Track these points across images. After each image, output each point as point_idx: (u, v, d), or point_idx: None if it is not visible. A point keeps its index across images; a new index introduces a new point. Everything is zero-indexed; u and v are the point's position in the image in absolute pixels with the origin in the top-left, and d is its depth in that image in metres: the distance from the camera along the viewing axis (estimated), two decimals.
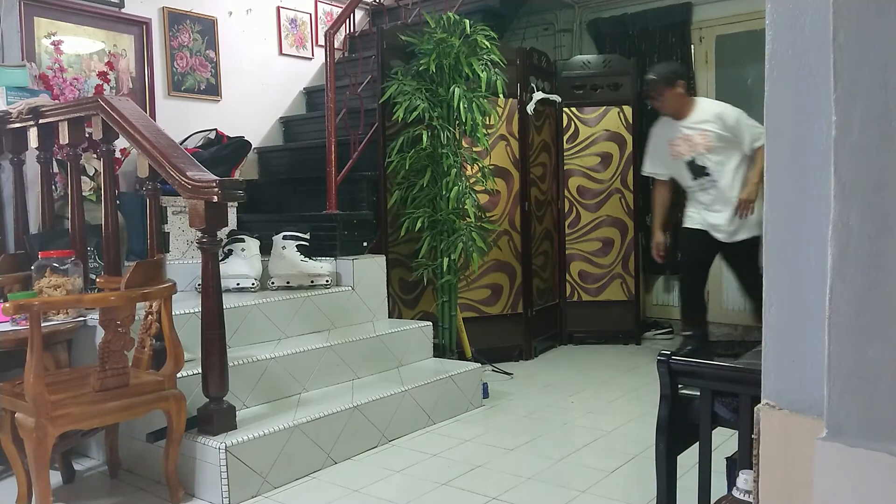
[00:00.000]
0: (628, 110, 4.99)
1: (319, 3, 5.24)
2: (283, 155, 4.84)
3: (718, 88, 5.27)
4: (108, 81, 3.92)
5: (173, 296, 2.55)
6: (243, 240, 3.59)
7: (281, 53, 4.97)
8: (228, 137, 4.15)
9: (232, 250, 3.55)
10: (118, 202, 3.27)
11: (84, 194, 3.31)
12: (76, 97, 3.71)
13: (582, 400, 3.72)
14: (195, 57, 4.40)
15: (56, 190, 3.47)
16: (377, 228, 4.02)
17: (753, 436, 1.02)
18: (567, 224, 5.02)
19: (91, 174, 3.65)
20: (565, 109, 4.98)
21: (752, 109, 4.98)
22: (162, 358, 2.54)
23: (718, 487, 1.70)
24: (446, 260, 3.88)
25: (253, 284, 3.52)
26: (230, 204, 2.95)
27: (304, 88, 5.13)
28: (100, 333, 2.41)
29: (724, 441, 2.11)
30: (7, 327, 2.66)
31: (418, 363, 3.68)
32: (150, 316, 2.57)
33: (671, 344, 4.93)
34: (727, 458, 1.79)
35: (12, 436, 2.38)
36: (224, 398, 2.63)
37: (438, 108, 3.89)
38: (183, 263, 3.56)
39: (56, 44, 3.73)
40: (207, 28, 4.46)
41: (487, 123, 4.15)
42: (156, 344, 2.60)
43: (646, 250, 5.35)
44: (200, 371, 2.63)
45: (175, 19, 4.29)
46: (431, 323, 3.87)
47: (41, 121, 3.13)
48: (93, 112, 2.96)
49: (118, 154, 3.49)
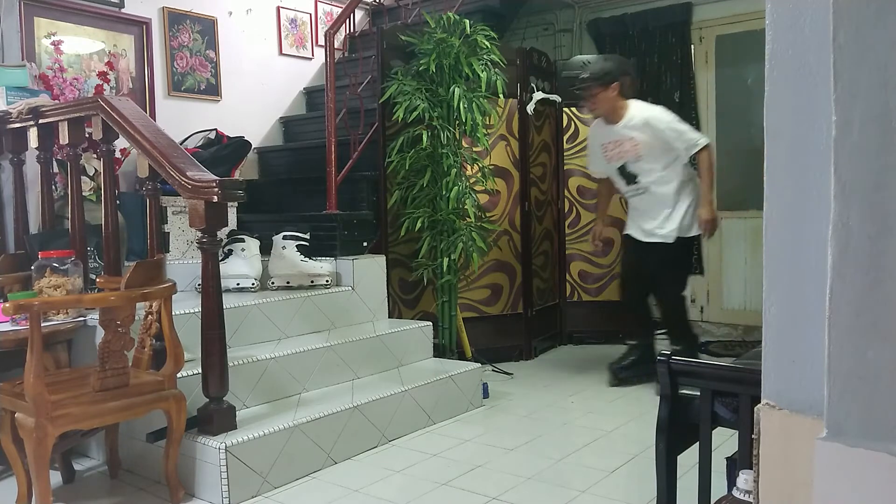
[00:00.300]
0: None
1: (319, 3, 5.25)
2: (283, 155, 4.84)
3: (718, 88, 5.28)
4: (108, 81, 3.92)
5: (173, 296, 2.55)
6: (243, 240, 3.59)
7: (281, 53, 4.97)
8: (228, 137, 4.15)
9: (232, 250, 3.55)
10: (118, 202, 3.27)
11: (84, 194, 3.31)
12: (76, 97, 3.72)
13: (582, 400, 3.72)
14: (195, 57, 4.40)
15: (56, 190, 3.47)
16: (377, 228, 4.02)
17: (753, 436, 1.02)
18: (567, 224, 5.02)
19: (91, 174, 3.65)
20: (565, 109, 4.98)
21: (752, 109, 5.01)
22: (162, 358, 2.54)
23: (718, 487, 1.70)
24: (446, 260, 3.88)
25: (253, 284, 3.53)
26: (230, 204, 2.95)
27: (304, 88, 5.13)
28: (100, 333, 2.41)
29: (724, 441, 2.11)
30: (7, 327, 2.66)
31: (418, 363, 3.68)
32: (150, 316, 2.57)
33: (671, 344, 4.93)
34: (727, 458, 1.79)
35: (12, 436, 2.38)
36: (224, 398, 2.63)
37: (438, 108, 3.89)
38: (183, 263, 3.56)
39: (56, 44, 3.73)
40: (207, 28, 4.46)
41: (487, 123, 4.15)
42: (156, 344, 2.60)
43: None
44: (200, 371, 2.63)
45: (175, 19, 4.29)
46: (431, 323, 3.87)
47: (41, 121, 3.14)
48: (93, 112, 2.96)
49: (118, 154, 3.49)
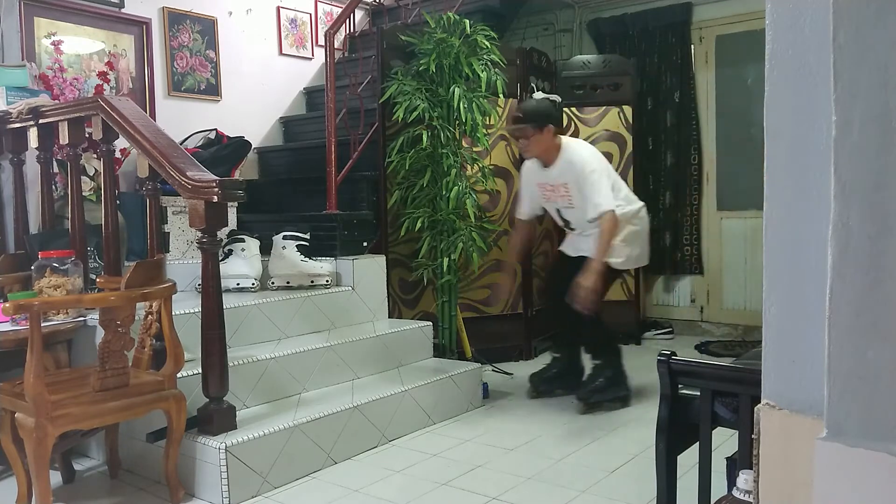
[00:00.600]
0: (628, 110, 4.99)
1: (319, 3, 5.24)
2: (283, 155, 4.84)
3: (718, 88, 5.28)
4: (108, 81, 3.92)
5: (173, 296, 2.55)
6: (243, 240, 3.59)
7: (281, 53, 4.97)
8: (228, 137, 4.15)
9: (232, 250, 3.55)
10: (118, 202, 3.27)
11: (84, 194, 3.31)
12: (76, 97, 3.72)
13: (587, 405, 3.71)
14: (195, 57, 4.40)
15: (56, 190, 3.47)
16: (377, 228, 4.02)
17: (753, 436, 1.02)
18: None
19: (91, 174, 3.65)
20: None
21: (752, 109, 5.01)
22: (162, 358, 2.54)
23: (718, 487, 1.70)
24: (446, 260, 3.87)
25: (253, 284, 3.52)
26: (230, 204, 2.95)
27: (304, 88, 5.13)
28: (100, 333, 2.41)
29: (724, 441, 2.10)
30: (7, 327, 2.66)
31: (418, 363, 3.68)
32: (150, 316, 2.57)
33: (671, 344, 4.93)
34: (727, 458, 1.79)
35: (12, 436, 2.38)
36: (224, 398, 2.63)
37: (438, 108, 3.88)
38: (183, 263, 3.56)
39: (56, 44, 3.73)
40: (207, 28, 4.46)
41: (487, 123, 4.15)
42: (156, 344, 2.60)
43: None
44: (200, 371, 2.63)
45: (175, 19, 4.29)
46: (431, 323, 3.87)
47: (41, 121, 3.14)
48: (93, 112, 2.96)
49: (118, 154, 3.49)
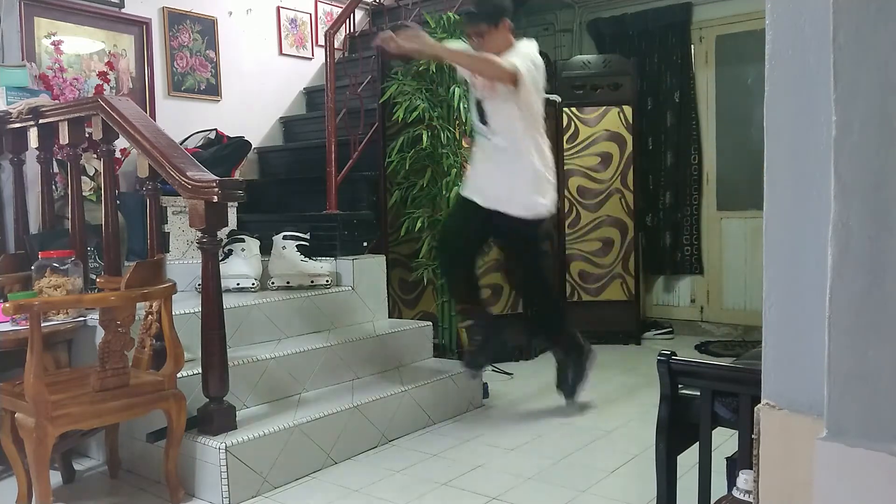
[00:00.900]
0: (628, 110, 4.99)
1: (319, 3, 5.24)
2: (283, 155, 4.84)
3: (718, 88, 5.28)
4: (108, 81, 3.92)
5: (173, 296, 2.55)
6: (243, 240, 3.59)
7: (281, 53, 4.97)
8: (228, 137, 4.15)
9: (232, 250, 3.55)
10: (118, 202, 3.27)
11: (84, 194, 3.31)
12: (76, 97, 3.71)
13: (582, 400, 3.71)
14: (195, 57, 4.40)
15: (56, 190, 3.47)
16: (377, 228, 4.02)
17: (753, 436, 1.02)
18: (567, 224, 5.02)
19: (91, 174, 3.65)
20: (565, 109, 4.98)
21: (752, 109, 5.01)
22: (162, 358, 2.54)
23: (718, 487, 1.70)
24: None
25: (253, 284, 3.52)
26: (230, 204, 2.95)
27: (304, 88, 5.12)
28: (100, 333, 2.41)
29: (724, 441, 2.10)
30: (7, 327, 2.66)
31: (418, 363, 3.67)
32: (150, 316, 2.57)
33: (671, 344, 4.93)
34: (727, 458, 1.79)
35: (12, 436, 2.38)
36: (224, 398, 2.63)
37: (438, 108, 3.89)
38: (183, 263, 3.56)
39: (56, 44, 3.73)
40: (207, 28, 4.46)
41: None
42: (156, 344, 2.59)
43: (646, 250, 5.36)
44: (200, 371, 2.63)
45: (175, 19, 4.29)
46: (431, 323, 3.87)
47: (41, 121, 3.14)
48: (93, 112, 2.96)
49: (118, 154, 3.49)
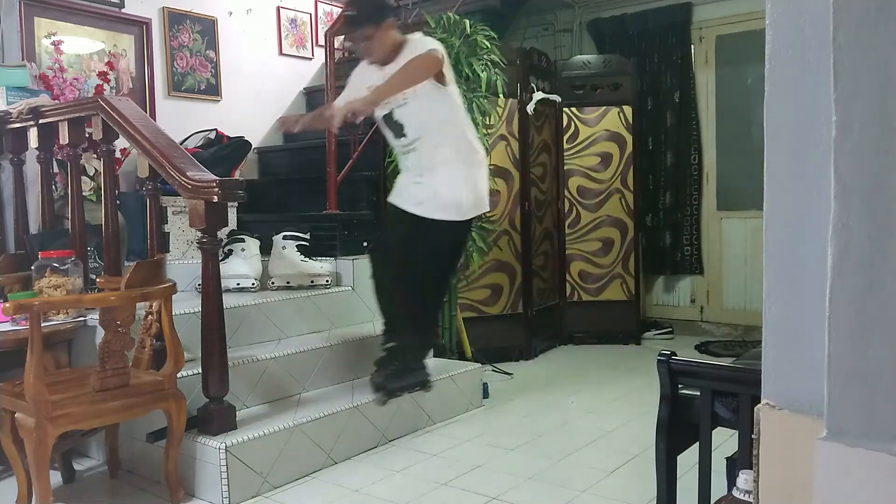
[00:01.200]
0: (628, 110, 4.99)
1: (319, 3, 5.24)
2: (283, 155, 4.84)
3: (718, 88, 5.28)
4: (108, 81, 3.92)
5: (173, 296, 2.55)
6: (243, 240, 3.59)
7: (281, 53, 4.97)
8: (228, 137, 4.15)
9: (232, 250, 3.55)
10: (118, 202, 3.27)
11: (84, 194, 3.31)
12: (76, 97, 3.72)
13: (582, 400, 3.71)
14: (195, 57, 4.40)
15: (56, 190, 3.47)
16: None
17: (753, 436, 1.02)
18: (567, 224, 5.02)
19: (91, 174, 3.65)
20: (565, 109, 4.98)
21: (752, 109, 5.01)
22: (162, 358, 2.54)
23: (718, 487, 1.70)
24: None
25: (253, 284, 3.52)
26: (230, 204, 2.95)
27: (304, 88, 5.13)
28: (100, 333, 2.41)
29: (724, 441, 2.10)
30: (7, 327, 2.66)
31: None
32: (150, 316, 2.57)
33: (671, 344, 4.93)
34: (727, 458, 1.79)
35: (12, 436, 2.38)
36: (224, 398, 2.63)
37: None
38: (183, 263, 3.56)
39: (56, 44, 3.73)
40: (207, 28, 4.46)
41: (487, 123, 4.15)
42: (156, 344, 2.60)
43: (646, 250, 5.36)
44: (200, 371, 2.63)
45: (175, 19, 4.29)
46: None
47: (41, 121, 3.14)
48: (93, 112, 2.96)
49: (118, 154, 3.49)
